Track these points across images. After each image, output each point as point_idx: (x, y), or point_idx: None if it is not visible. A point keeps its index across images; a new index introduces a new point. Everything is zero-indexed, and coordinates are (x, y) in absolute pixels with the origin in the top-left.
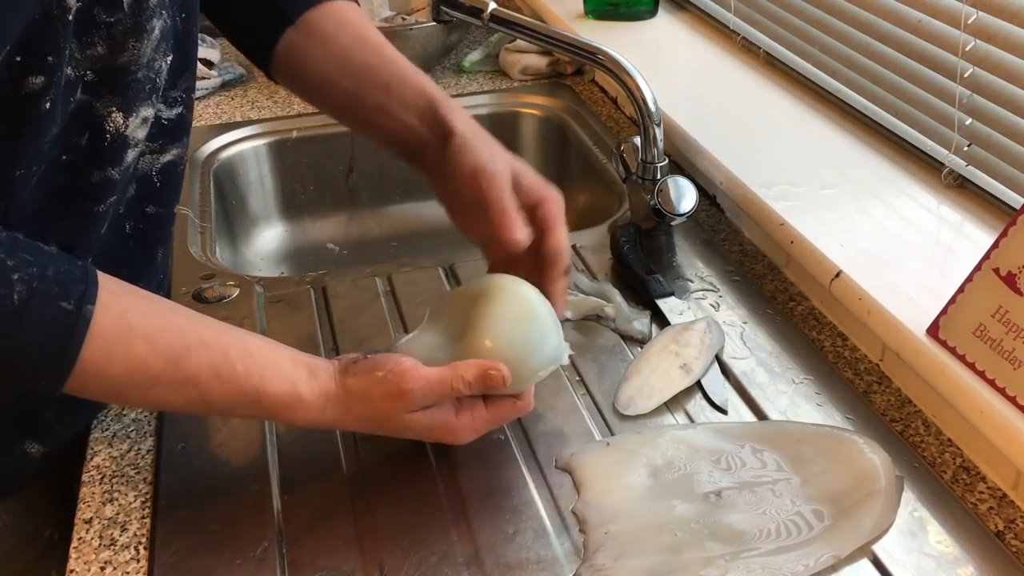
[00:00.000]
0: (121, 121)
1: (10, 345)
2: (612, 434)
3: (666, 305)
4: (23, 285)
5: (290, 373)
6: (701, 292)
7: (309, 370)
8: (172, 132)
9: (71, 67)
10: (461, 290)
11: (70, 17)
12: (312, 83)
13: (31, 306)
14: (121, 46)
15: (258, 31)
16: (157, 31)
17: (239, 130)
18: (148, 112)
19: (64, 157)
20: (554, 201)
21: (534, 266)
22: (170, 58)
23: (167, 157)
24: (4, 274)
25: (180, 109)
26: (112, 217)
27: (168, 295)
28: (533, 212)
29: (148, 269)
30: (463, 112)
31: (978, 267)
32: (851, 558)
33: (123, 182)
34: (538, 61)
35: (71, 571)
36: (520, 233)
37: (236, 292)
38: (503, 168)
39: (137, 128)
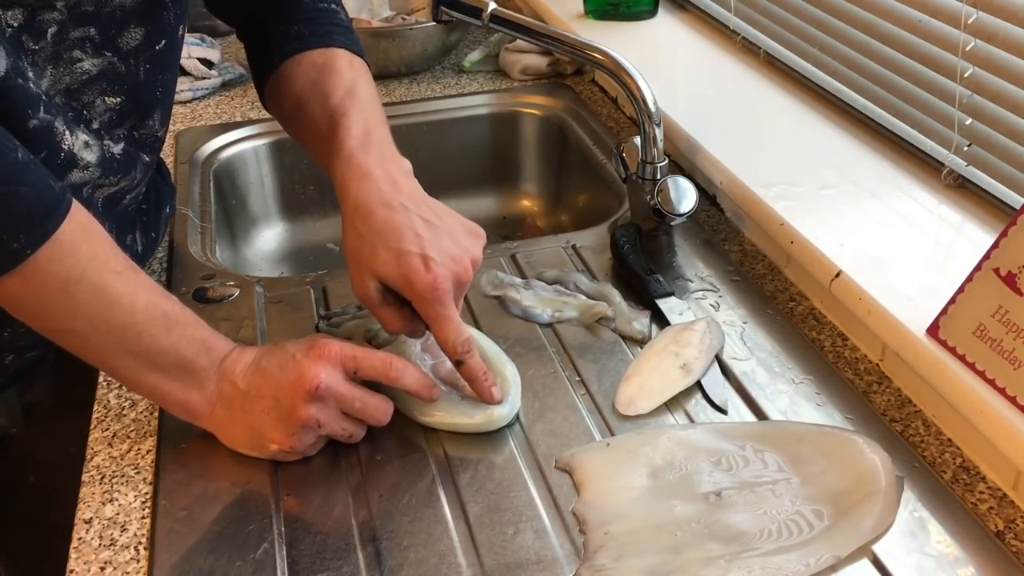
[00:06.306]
0: (70, 139)
1: (6, 191)
2: (612, 434)
3: (666, 305)
4: (23, 153)
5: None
6: (701, 292)
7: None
8: (122, 166)
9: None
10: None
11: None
12: (287, 108)
13: (30, 168)
14: (41, 71)
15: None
16: (88, 67)
17: (239, 130)
18: (86, 138)
19: None
20: (427, 291)
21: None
22: (112, 99)
23: (112, 189)
24: (7, 137)
25: (123, 145)
26: None
27: None
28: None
29: None
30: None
31: (978, 267)
32: (851, 558)
33: None
34: (538, 61)
35: (71, 571)
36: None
37: (236, 292)
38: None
39: (82, 150)
